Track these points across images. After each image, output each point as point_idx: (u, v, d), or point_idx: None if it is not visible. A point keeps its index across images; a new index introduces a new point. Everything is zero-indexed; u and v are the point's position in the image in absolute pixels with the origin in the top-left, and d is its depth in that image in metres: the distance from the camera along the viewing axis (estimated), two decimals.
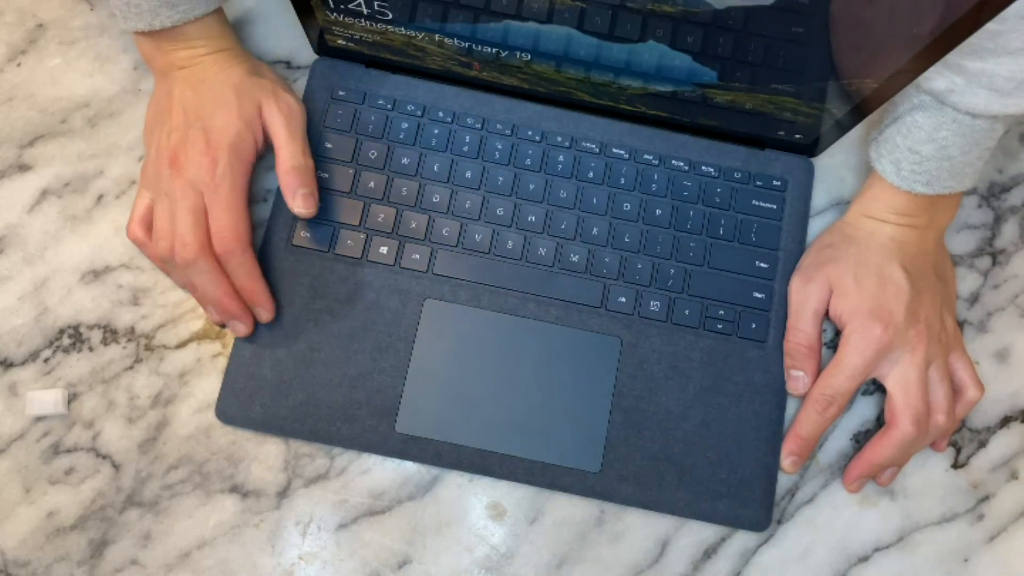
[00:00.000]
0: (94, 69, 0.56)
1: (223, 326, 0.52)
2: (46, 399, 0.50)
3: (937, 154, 0.49)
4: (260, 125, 0.51)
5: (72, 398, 0.51)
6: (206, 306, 0.50)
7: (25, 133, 0.55)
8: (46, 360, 0.52)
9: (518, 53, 0.51)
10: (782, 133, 0.54)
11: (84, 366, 0.52)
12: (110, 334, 0.52)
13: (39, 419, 0.51)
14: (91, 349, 0.52)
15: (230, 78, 0.51)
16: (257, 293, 0.50)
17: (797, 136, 0.54)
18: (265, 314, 0.51)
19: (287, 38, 0.58)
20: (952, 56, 0.44)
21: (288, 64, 0.58)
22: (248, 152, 0.50)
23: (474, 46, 0.51)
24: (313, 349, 0.51)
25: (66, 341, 0.52)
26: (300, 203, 0.50)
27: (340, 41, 0.54)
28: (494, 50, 0.51)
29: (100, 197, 0.54)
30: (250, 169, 0.50)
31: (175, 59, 0.51)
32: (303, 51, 0.57)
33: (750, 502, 0.50)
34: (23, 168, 0.54)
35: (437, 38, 0.51)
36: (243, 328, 0.50)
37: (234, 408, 0.50)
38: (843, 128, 0.52)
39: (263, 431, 0.51)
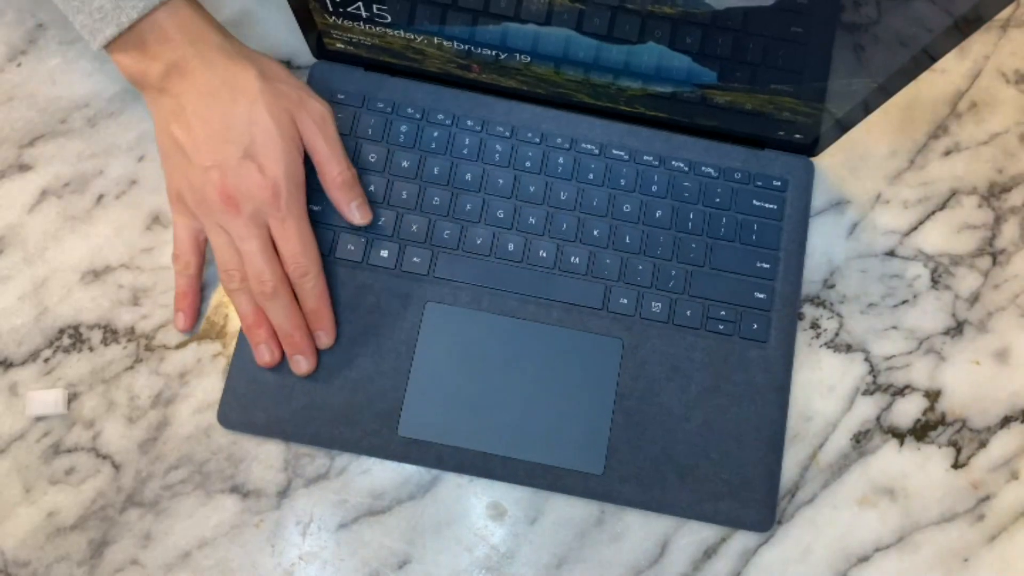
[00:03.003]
0: (94, 69, 0.56)
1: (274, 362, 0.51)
2: (46, 399, 0.50)
3: None
4: (299, 139, 0.50)
5: (72, 398, 0.51)
6: (259, 346, 0.50)
7: (25, 133, 0.55)
8: (46, 360, 0.52)
9: (517, 55, 0.51)
10: (782, 133, 0.54)
11: (84, 366, 0.52)
12: (110, 334, 0.52)
13: (39, 419, 0.51)
14: (91, 349, 0.52)
15: (247, 90, 0.48)
16: (323, 316, 0.50)
17: (797, 136, 0.54)
18: (326, 339, 0.51)
19: (287, 39, 0.58)
20: None
21: (288, 65, 0.58)
22: (301, 175, 0.49)
23: (473, 48, 0.51)
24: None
25: (66, 341, 0.52)
26: (358, 215, 0.51)
27: (339, 44, 0.54)
28: (493, 52, 0.51)
29: (100, 197, 0.54)
30: (305, 191, 0.50)
31: (163, 64, 0.47)
32: (303, 52, 0.57)
33: (752, 503, 0.50)
34: (23, 168, 0.54)
35: (436, 41, 0.51)
36: (306, 365, 0.50)
37: (236, 413, 0.50)
38: (843, 128, 0.52)
39: (265, 436, 0.51)
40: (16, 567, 0.49)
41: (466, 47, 0.51)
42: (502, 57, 0.51)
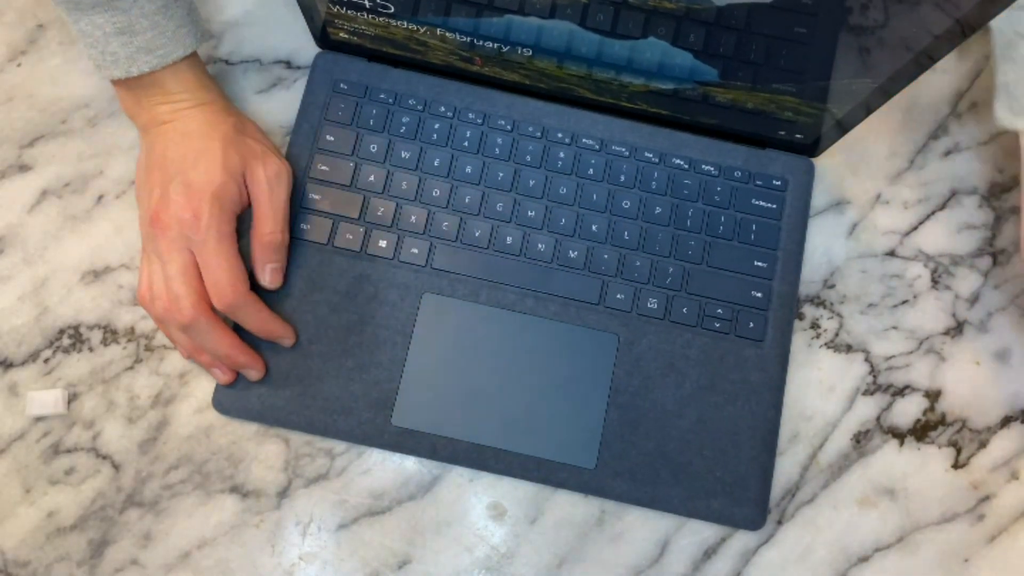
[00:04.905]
0: (94, 69, 0.56)
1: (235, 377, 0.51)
2: (46, 399, 0.51)
3: None
4: (243, 181, 0.49)
5: (72, 398, 0.51)
6: (212, 369, 0.50)
7: (25, 133, 0.55)
8: (46, 360, 0.52)
9: (520, 49, 0.51)
10: (783, 133, 0.54)
11: (84, 366, 0.52)
12: (110, 334, 0.52)
13: (39, 419, 0.51)
14: (91, 349, 0.52)
15: (216, 131, 0.49)
16: (273, 330, 0.50)
17: (798, 136, 0.54)
18: (288, 342, 0.51)
19: (287, 38, 0.58)
20: None
21: (288, 64, 0.57)
22: (232, 201, 0.48)
23: (476, 41, 0.51)
24: (311, 341, 0.51)
25: (66, 341, 0.52)
26: (268, 277, 0.50)
27: (343, 35, 0.54)
28: (496, 45, 0.51)
29: (100, 197, 0.54)
30: (235, 218, 0.49)
31: (157, 114, 0.50)
32: (303, 51, 0.57)
33: (745, 501, 0.50)
34: (23, 168, 0.54)
35: (439, 32, 0.51)
36: (256, 374, 0.50)
37: (231, 399, 0.50)
38: (844, 128, 0.52)
39: (260, 422, 0.51)
40: (16, 567, 0.49)
41: (468, 39, 0.51)
42: (504, 50, 0.51)
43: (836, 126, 0.52)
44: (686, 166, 0.56)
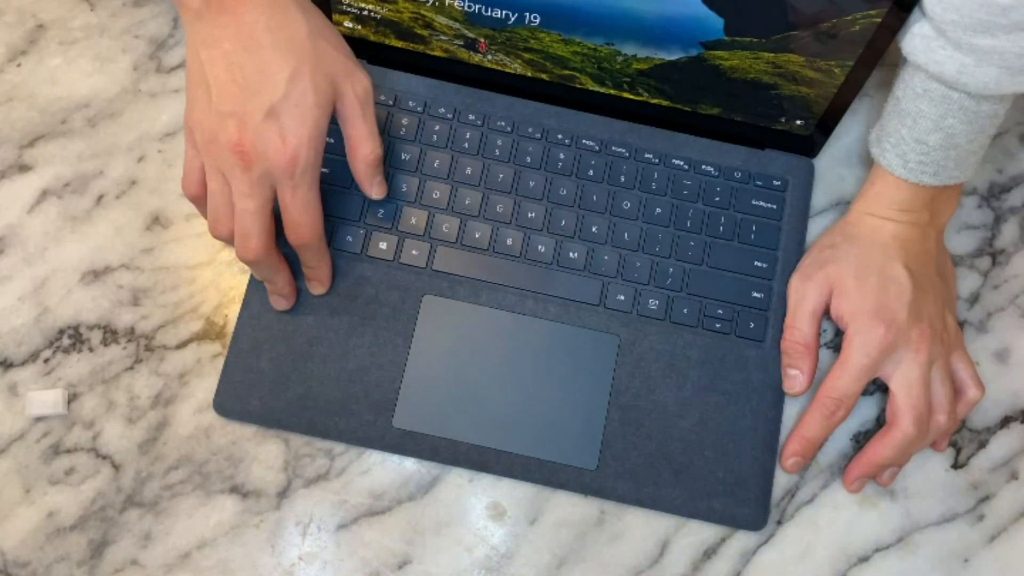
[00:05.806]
0: (94, 69, 0.56)
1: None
2: (46, 399, 0.50)
3: (944, 143, 0.49)
4: (333, 110, 0.46)
5: (72, 398, 0.51)
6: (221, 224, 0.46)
7: (25, 133, 0.55)
8: (46, 360, 0.52)
9: (527, 15, 0.51)
10: (783, 119, 0.54)
11: (84, 366, 0.52)
12: (110, 334, 0.52)
13: (39, 419, 0.51)
14: (91, 349, 0.52)
15: (293, 43, 0.44)
16: (325, 275, 0.51)
17: (798, 122, 0.54)
18: (320, 288, 0.51)
19: None
20: (962, 36, 0.44)
21: None
22: (323, 145, 0.45)
23: (483, 9, 0.51)
24: (311, 343, 0.51)
25: (66, 341, 0.52)
26: (376, 190, 0.50)
27: (346, 24, 0.53)
28: (503, 13, 0.51)
29: (100, 197, 0.54)
30: (323, 151, 0.46)
31: None
32: None
33: (746, 501, 0.50)
34: (23, 168, 0.54)
35: (447, 3, 0.51)
36: (285, 304, 0.51)
37: (232, 401, 0.50)
38: (845, 98, 0.52)
39: (261, 424, 0.51)
40: (16, 567, 0.49)
41: (476, 7, 0.51)
42: (511, 19, 0.51)
43: (839, 96, 0.52)
44: (686, 167, 0.56)
